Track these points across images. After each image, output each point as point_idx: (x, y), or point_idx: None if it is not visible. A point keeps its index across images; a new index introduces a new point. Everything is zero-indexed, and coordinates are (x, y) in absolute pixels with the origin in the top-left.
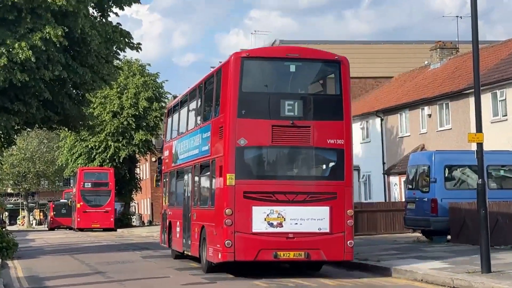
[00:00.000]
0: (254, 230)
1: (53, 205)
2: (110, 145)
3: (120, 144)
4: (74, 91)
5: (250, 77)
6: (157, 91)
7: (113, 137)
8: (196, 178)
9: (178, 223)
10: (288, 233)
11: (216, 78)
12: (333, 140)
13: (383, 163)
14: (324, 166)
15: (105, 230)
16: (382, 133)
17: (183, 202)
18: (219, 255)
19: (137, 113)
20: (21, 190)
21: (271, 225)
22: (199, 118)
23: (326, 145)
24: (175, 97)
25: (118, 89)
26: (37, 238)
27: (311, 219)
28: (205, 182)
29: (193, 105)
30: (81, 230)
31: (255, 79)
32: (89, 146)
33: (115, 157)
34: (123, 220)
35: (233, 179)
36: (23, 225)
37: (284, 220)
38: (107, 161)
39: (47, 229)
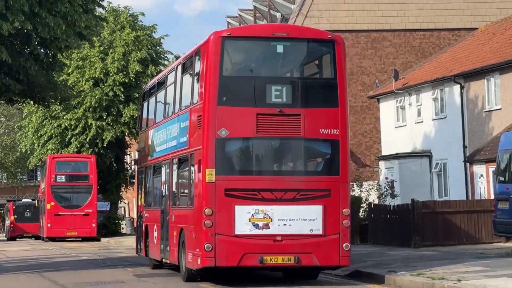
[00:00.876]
0: (237, 232)
1: (14, 207)
2: (91, 124)
3: (104, 123)
4: (41, 50)
5: (232, 59)
6: (154, 50)
7: (95, 113)
8: (175, 174)
9: (155, 226)
10: (276, 236)
11: (195, 60)
12: (327, 130)
13: (464, 147)
14: (316, 160)
15: (84, 239)
16: (462, 105)
17: (160, 203)
18: (199, 260)
19: (126, 81)
20: None
21: (256, 226)
22: (177, 104)
23: (319, 136)
24: (177, 57)
25: (101, 48)
26: None
27: (302, 219)
28: (183, 178)
29: (170, 89)
30: (53, 239)
31: (238, 62)
32: (63, 125)
33: (97, 141)
34: (109, 227)
35: (213, 175)
36: None
37: (271, 221)
38: (87, 146)
39: (6, 239)
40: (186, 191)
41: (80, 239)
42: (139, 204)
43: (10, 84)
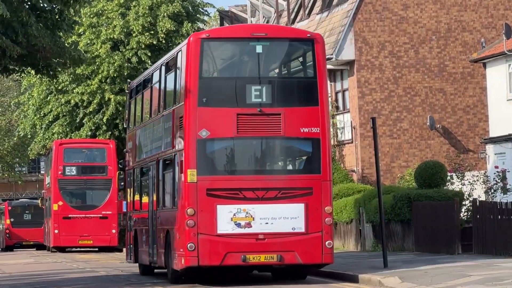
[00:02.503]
0: (219, 232)
1: (10, 207)
2: (109, 99)
3: (125, 98)
4: (44, 4)
5: (211, 60)
6: (189, 2)
7: (114, 86)
8: (161, 176)
9: (143, 230)
10: (258, 234)
11: (176, 61)
12: (308, 129)
13: None
14: (297, 158)
15: (102, 249)
16: None
17: (148, 206)
18: (182, 260)
19: (154, 42)
20: None
21: (238, 225)
22: (161, 104)
23: (300, 134)
24: (220, 11)
25: (121, 1)
26: None
27: (284, 218)
28: (168, 179)
29: (156, 88)
30: (61, 250)
31: (217, 63)
32: (72, 101)
33: (117, 121)
34: None
35: (194, 175)
36: None
37: (253, 220)
38: (104, 128)
39: (0, 249)
40: (171, 192)
41: (97, 249)
42: (128, 208)
43: (8, 46)
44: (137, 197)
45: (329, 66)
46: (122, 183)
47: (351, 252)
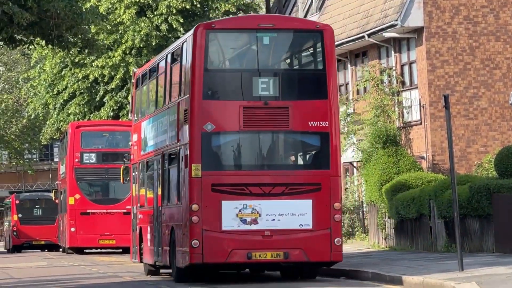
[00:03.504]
0: (224, 228)
1: (18, 201)
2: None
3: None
4: None
5: (217, 52)
6: None
7: (140, 58)
8: (166, 170)
9: (148, 228)
10: (264, 231)
11: (181, 52)
12: (316, 123)
13: None
14: (305, 153)
15: (126, 251)
16: None
17: (153, 201)
18: (187, 257)
19: (187, 7)
20: None
21: (244, 222)
22: (167, 96)
23: (308, 129)
24: None
25: None
26: None
27: (291, 214)
28: (173, 174)
29: (161, 78)
30: (79, 251)
31: (223, 55)
32: (91, 76)
33: None
34: None
35: (199, 170)
36: None
37: (260, 216)
38: (128, 107)
39: (7, 249)
40: (176, 188)
41: (120, 250)
42: (133, 205)
43: (14, 12)
44: (142, 192)
45: (393, 34)
46: (127, 177)
47: (420, 253)
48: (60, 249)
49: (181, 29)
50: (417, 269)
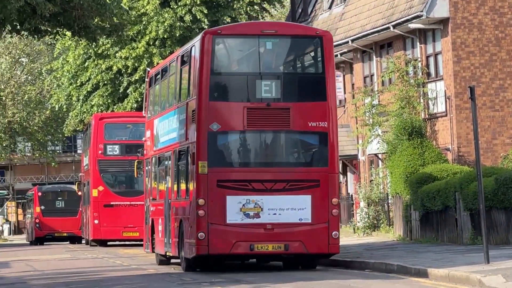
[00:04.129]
0: (228, 222)
1: (40, 193)
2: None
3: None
4: None
5: (223, 56)
6: None
7: (163, 49)
8: (175, 166)
9: (160, 220)
10: (266, 224)
11: (190, 56)
12: (315, 123)
13: None
14: (305, 152)
15: None
16: None
17: (164, 195)
18: (193, 249)
19: None
20: None
21: (247, 215)
22: (177, 96)
23: (308, 129)
24: None
25: None
26: (14, 261)
27: (291, 209)
28: (182, 170)
29: (172, 79)
30: (103, 243)
31: (228, 59)
32: (115, 68)
33: None
34: None
35: (205, 167)
36: None
37: (262, 210)
38: None
39: (29, 242)
40: (184, 183)
41: None
42: (145, 198)
43: (38, 3)
44: (154, 186)
45: (418, 25)
46: (140, 171)
47: (445, 245)
48: (83, 241)
49: (205, 20)
50: (442, 262)
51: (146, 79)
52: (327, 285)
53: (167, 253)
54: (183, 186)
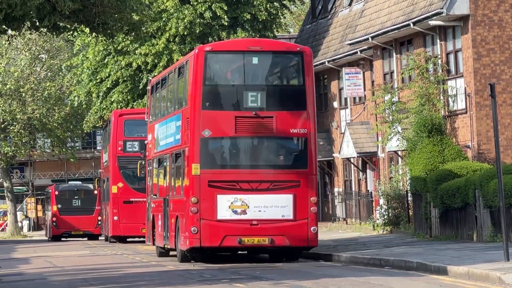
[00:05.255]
0: (219, 218)
1: (58, 192)
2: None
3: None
4: None
5: (214, 70)
6: None
7: (183, 46)
8: (173, 167)
9: (159, 215)
10: (252, 220)
11: (185, 69)
12: (297, 130)
13: None
14: (287, 155)
15: None
16: None
17: (163, 193)
18: (187, 241)
19: None
20: None
21: (235, 212)
22: (174, 104)
23: (290, 134)
24: None
25: None
26: (34, 257)
27: (275, 206)
28: (178, 171)
29: (171, 88)
30: (122, 240)
31: (219, 72)
32: (134, 64)
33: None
34: None
35: (198, 169)
36: (3, 230)
37: (248, 208)
38: None
39: (48, 238)
40: (180, 182)
41: None
42: (148, 194)
43: (57, 1)
44: (155, 185)
45: (438, 22)
46: (143, 172)
47: (465, 242)
48: (101, 238)
49: (225, 16)
50: (462, 259)
51: (148, 87)
52: (347, 281)
53: (166, 246)
54: (178, 185)
